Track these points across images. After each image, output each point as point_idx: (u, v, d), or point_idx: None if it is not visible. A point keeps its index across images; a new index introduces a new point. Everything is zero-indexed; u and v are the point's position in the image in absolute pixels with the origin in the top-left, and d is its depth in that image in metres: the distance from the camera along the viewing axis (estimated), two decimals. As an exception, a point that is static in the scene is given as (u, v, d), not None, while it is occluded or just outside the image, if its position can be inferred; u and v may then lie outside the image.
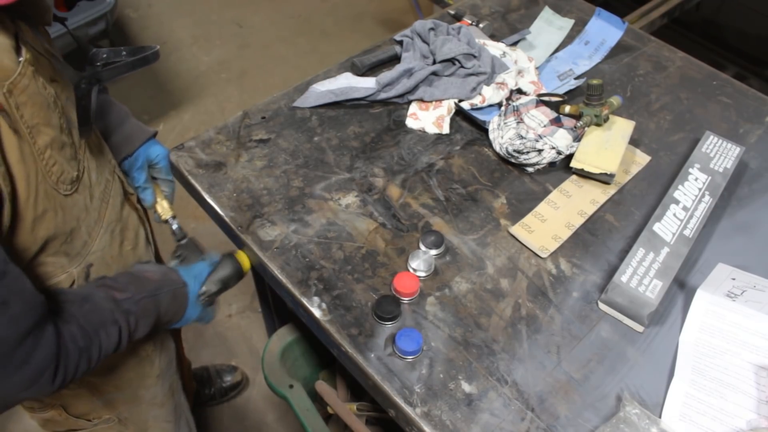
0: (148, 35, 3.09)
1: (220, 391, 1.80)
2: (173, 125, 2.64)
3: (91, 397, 0.99)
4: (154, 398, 1.11)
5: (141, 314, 0.81)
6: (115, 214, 0.92)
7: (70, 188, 0.79)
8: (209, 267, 0.98)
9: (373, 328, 0.91)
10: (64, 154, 0.77)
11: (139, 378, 1.05)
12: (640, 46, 1.44)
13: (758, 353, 0.87)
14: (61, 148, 0.76)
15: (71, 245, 0.81)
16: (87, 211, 0.83)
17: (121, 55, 0.83)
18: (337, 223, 1.04)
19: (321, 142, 1.18)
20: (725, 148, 1.13)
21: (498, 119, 1.19)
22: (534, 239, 1.02)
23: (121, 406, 1.05)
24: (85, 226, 0.83)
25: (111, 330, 0.76)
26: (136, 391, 1.06)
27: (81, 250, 0.83)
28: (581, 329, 0.92)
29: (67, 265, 0.82)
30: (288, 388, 1.21)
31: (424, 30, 1.33)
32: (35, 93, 0.71)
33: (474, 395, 0.84)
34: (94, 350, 0.73)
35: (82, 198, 0.82)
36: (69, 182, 0.78)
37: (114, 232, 0.91)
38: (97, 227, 0.87)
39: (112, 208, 0.91)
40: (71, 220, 0.80)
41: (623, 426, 0.79)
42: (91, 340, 0.73)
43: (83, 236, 0.83)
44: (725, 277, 0.96)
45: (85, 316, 0.73)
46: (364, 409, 1.27)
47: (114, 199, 0.92)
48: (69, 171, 0.78)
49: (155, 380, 1.09)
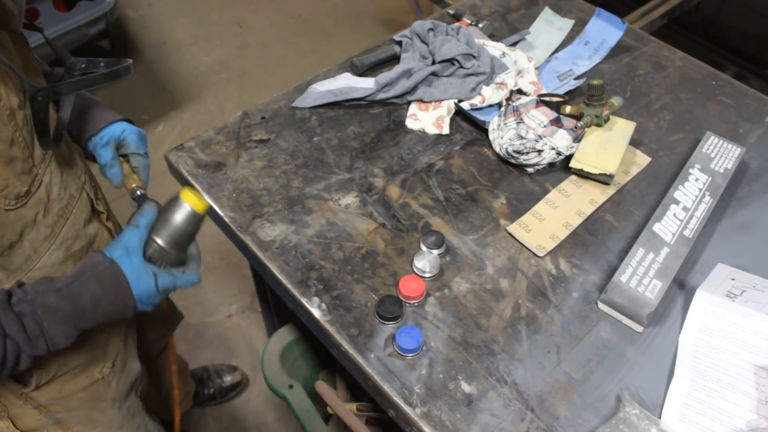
0: (148, 35, 3.09)
1: (219, 391, 1.80)
2: (173, 125, 2.64)
3: (39, 415, 0.94)
4: (111, 422, 1.07)
5: (43, 313, 0.69)
6: (74, 231, 0.88)
7: (15, 203, 0.75)
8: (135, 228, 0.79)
9: (373, 328, 0.91)
10: (12, 168, 0.73)
11: (92, 400, 1.00)
12: (640, 46, 1.44)
13: (758, 353, 0.87)
14: (8, 163, 0.73)
15: (9, 259, 0.78)
16: (35, 226, 0.80)
17: (99, 66, 0.80)
18: (337, 223, 1.04)
19: (321, 142, 1.18)
20: (726, 148, 1.13)
21: (498, 119, 1.19)
22: (531, 238, 1.02)
23: (74, 426, 1.01)
24: (30, 241, 0.80)
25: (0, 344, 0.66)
26: (89, 413, 1.01)
27: (22, 265, 0.80)
28: (581, 329, 0.92)
29: (5, 280, 0.79)
30: (288, 388, 1.21)
31: (423, 30, 1.33)
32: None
33: (474, 395, 0.84)
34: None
35: (32, 213, 0.79)
36: (14, 197, 0.75)
37: (70, 249, 0.87)
38: (47, 243, 0.83)
39: (72, 225, 0.87)
40: (12, 234, 0.76)
41: (623, 426, 0.79)
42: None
43: (26, 251, 0.80)
44: (725, 277, 0.96)
45: None
46: (364, 410, 1.27)
47: (76, 217, 0.89)
48: (16, 186, 0.75)
49: (110, 403, 1.04)
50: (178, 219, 0.80)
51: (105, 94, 2.68)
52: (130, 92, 2.75)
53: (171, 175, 1.17)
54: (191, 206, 0.81)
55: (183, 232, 0.81)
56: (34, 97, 0.72)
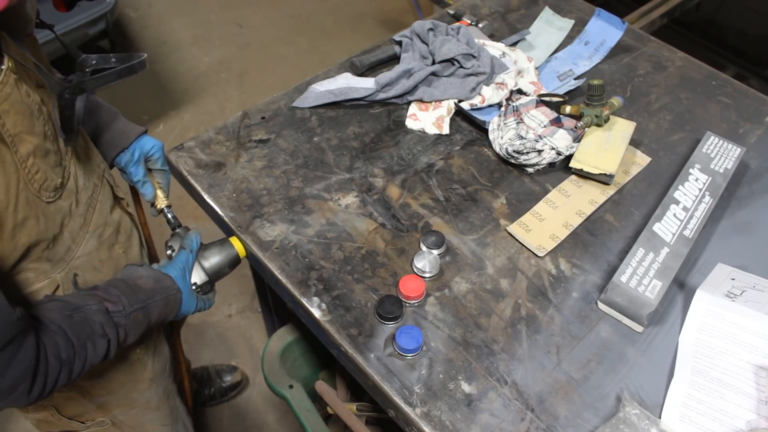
0: (148, 35, 3.09)
1: (219, 391, 1.80)
2: (173, 125, 2.64)
3: (83, 400, 0.98)
4: (149, 402, 1.11)
5: (131, 326, 0.81)
6: (102, 219, 0.91)
7: (54, 195, 0.78)
8: (190, 254, 0.96)
9: (373, 328, 0.91)
10: (48, 161, 0.76)
11: (131, 382, 1.04)
12: (640, 46, 1.44)
13: (758, 353, 0.87)
14: (44, 156, 0.76)
15: (54, 251, 0.80)
16: (71, 217, 0.83)
17: (111, 62, 0.82)
18: (337, 223, 1.04)
19: (321, 142, 1.18)
20: (726, 148, 1.13)
21: (498, 120, 1.19)
22: (531, 238, 1.02)
23: (114, 408, 1.05)
24: (69, 232, 0.83)
25: (99, 343, 0.75)
26: (129, 394, 1.05)
27: (64, 256, 0.83)
28: (581, 329, 0.92)
29: (50, 271, 0.81)
30: (288, 388, 1.21)
31: (422, 31, 1.33)
32: (18, 101, 0.70)
33: (474, 395, 0.84)
34: (78, 363, 0.72)
35: (67, 204, 0.82)
36: (52, 189, 0.78)
37: (102, 236, 0.91)
38: (83, 232, 0.86)
39: (100, 213, 0.91)
40: (54, 226, 0.79)
41: (623, 426, 0.79)
42: (76, 352, 0.72)
43: (66, 241, 0.83)
44: (725, 277, 0.96)
45: (74, 327, 0.72)
46: (364, 410, 1.27)
47: (102, 204, 0.92)
48: (53, 178, 0.78)
49: (148, 384, 1.08)
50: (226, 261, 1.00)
51: (105, 94, 2.68)
52: (130, 92, 2.75)
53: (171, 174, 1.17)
54: (238, 252, 1.01)
55: (225, 273, 1.01)
56: (61, 94, 0.74)
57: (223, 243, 1.01)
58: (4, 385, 0.64)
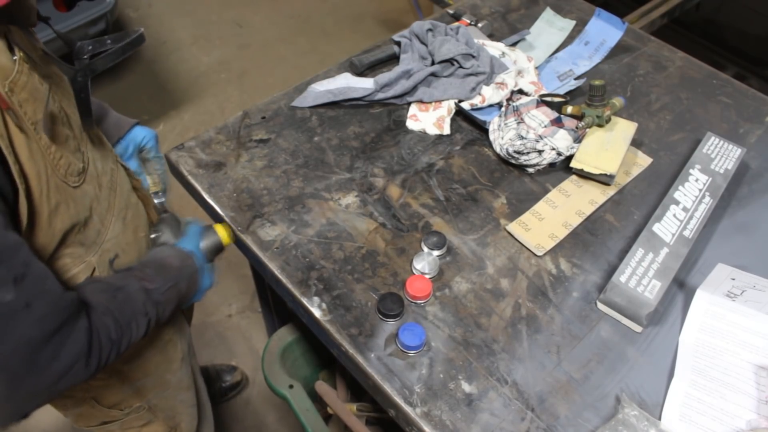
0: (148, 35, 3.09)
1: (219, 392, 1.80)
2: (173, 125, 2.64)
3: (122, 386, 1.01)
4: (180, 382, 1.14)
5: (167, 303, 0.85)
6: (124, 201, 0.93)
7: (78, 180, 0.80)
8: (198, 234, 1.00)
9: (373, 327, 0.91)
10: (68, 146, 0.78)
11: (166, 362, 1.08)
12: (640, 46, 1.44)
13: (758, 353, 0.87)
14: (65, 141, 0.77)
15: (85, 235, 0.82)
16: (98, 201, 0.85)
17: (107, 44, 0.84)
18: (337, 223, 1.04)
19: (321, 142, 1.18)
20: (726, 149, 1.13)
21: (498, 120, 1.19)
22: (530, 237, 1.02)
23: (149, 392, 1.07)
24: (98, 215, 0.85)
25: (141, 321, 0.79)
26: (164, 375, 1.08)
27: (96, 239, 0.85)
28: (581, 329, 0.92)
29: (84, 255, 0.83)
30: (288, 388, 1.21)
31: (421, 31, 1.33)
32: (34, 89, 0.72)
33: (474, 395, 0.84)
34: (125, 341, 0.76)
35: (92, 188, 0.83)
36: (76, 174, 0.79)
37: (126, 219, 0.93)
38: (109, 215, 0.88)
39: (121, 196, 0.93)
40: (84, 210, 0.81)
41: (622, 428, 0.79)
42: (123, 332, 0.76)
43: (96, 225, 0.85)
44: (725, 277, 0.96)
45: (119, 307, 0.76)
46: (364, 410, 1.27)
47: (122, 187, 0.94)
48: (75, 163, 0.79)
49: (180, 364, 1.11)
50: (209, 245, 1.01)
51: (105, 94, 2.69)
52: (130, 92, 2.75)
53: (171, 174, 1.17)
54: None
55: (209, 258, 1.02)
56: (74, 77, 0.75)
57: (210, 229, 1.01)
58: (59, 367, 0.67)
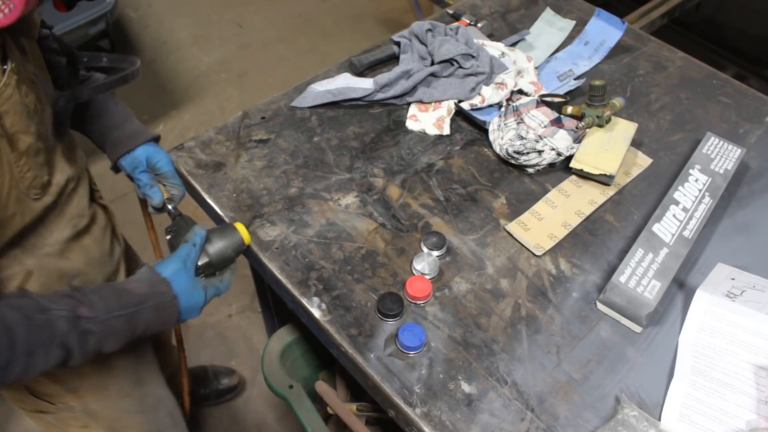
0: (148, 35, 3.09)
1: (215, 393, 1.80)
2: (173, 125, 2.64)
3: (53, 384, 0.97)
4: (121, 389, 1.09)
5: (106, 333, 0.77)
6: (79, 210, 0.92)
7: (41, 193, 0.80)
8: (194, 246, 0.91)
9: (373, 328, 0.91)
10: (37, 160, 0.78)
11: (106, 368, 1.03)
12: (640, 46, 1.44)
13: (758, 353, 0.87)
14: (35, 155, 0.77)
15: (26, 237, 0.82)
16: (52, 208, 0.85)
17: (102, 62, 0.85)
18: (337, 223, 1.04)
19: (321, 142, 1.18)
20: (726, 149, 1.13)
21: (498, 120, 1.19)
22: (530, 237, 1.02)
23: (87, 395, 1.03)
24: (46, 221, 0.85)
25: (54, 352, 0.71)
26: (101, 380, 1.04)
27: (36, 242, 0.84)
28: (581, 329, 0.92)
29: (21, 256, 0.82)
30: (288, 388, 1.20)
31: (421, 31, 1.33)
32: (17, 102, 0.72)
33: (474, 395, 0.84)
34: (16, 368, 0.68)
35: (51, 199, 0.84)
36: (39, 187, 0.80)
37: (77, 226, 0.92)
38: (57, 220, 0.88)
39: (77, 205, 0.92)
40: (35, 219, 0.81)
41: (621, 428, 0.79)
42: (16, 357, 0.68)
43: (40, 230, 0.84)
44: (725, 277, 0.96)
45: (29, 331, 0.68)
46: (364, 410, 1.27)
47: (80, 196, 0.93)
48: (41, 176, 0.79)
49: (121, 371, 1.07)
50: (230, 246, 0.95)
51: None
52: (130, 92, 2.75)
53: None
54: (243, 238, 0.97)
55: (230, 257, 0.96)
56: (55, 102, 0.77)
57: (227, 227, 0.97)
58: None
